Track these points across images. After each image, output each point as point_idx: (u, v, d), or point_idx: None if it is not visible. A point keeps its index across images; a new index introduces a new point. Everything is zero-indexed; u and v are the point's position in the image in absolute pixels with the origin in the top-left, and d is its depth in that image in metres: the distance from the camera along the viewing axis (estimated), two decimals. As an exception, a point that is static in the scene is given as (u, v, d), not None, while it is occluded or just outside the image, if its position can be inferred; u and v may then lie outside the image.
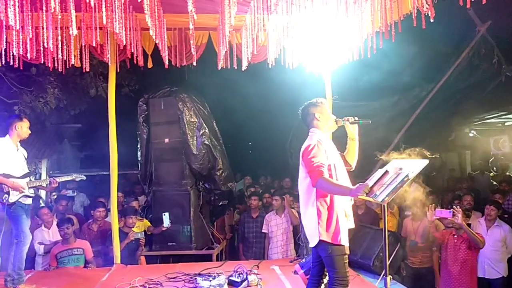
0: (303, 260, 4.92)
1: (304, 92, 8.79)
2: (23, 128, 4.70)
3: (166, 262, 6.49)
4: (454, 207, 5.10)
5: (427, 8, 3.85)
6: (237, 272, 4.88)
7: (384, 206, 3.23)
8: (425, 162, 3.12)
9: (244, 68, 5.47)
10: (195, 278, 4.92)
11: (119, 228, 5.82)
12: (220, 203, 7.53)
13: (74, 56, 4.81)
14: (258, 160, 12.90)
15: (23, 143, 4.84)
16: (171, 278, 5.06)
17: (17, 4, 3.22)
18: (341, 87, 6.43)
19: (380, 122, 8.19)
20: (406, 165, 3.17)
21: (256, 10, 4.51)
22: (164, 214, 6.45)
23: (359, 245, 5.50)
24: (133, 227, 6.12)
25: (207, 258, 6.54)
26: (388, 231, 4.35)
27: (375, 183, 3.15)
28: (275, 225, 6.38)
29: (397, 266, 5.66)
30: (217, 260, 6.57)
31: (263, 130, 11.95)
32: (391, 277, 3.62)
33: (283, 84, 8.65)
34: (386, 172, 3.20)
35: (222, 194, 7.47)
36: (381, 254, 5.13)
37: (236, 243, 7.43)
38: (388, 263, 3.48)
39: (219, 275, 4.88)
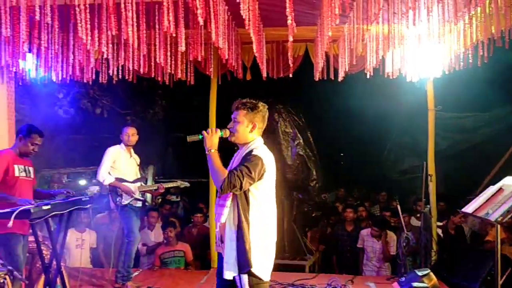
0: (402, 279, 4.70)
1: (403, 103, 8.53)
2: (123, 136, 5.09)
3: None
4: None
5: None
6: (330, 285, 4.82)
7: (497, 226, 2.98)
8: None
9: (340, 79, 5.43)
10: (289, 288, 4.94)
11: (216, 234, 6.05)
12: (314, 214, 7.50)
13: (181, 70, 5.15)
14: (350, 171, 12.63)
15: (137, 150, 5.27)
16: (265, 286, 5.13)
17: (135, 24, 3.57)
18: (445, 98, 6.10)
19: (489, 135, 7.61)
20: (524, 182, 2.90)
21: (355, 20, 4.47)
22: None
23: (463, 266, 5.13)
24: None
25: (300, 269, 6.52)
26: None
27: (486, 201, 2.92)
28: (371, 240, 6.18)
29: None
30: (309, 271, 6.53)
31: (356, 141, 11.71)
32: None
33: (380, 94, 8.42)
34: (500, 189, 2.95)
35: (315, 205, 7.43)
36: (488, 278, 4.72)
37: (329, 256, 7.32)
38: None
39: (312, 287, 4.85)
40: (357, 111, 9.80)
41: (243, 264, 2.72)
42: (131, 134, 5.09)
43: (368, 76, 5.32)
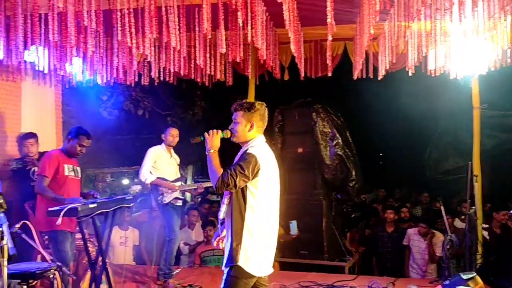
0: (446, 282, 4.56)
1: (446, 101, 8.27)
2: (167, 136, 5.19)
3: (298, 270, 6.57)
4: None
5: None
6: None
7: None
8: None
9: (380, 77, 5.33)
10: (328, 289, 4.90)
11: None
12: (353, 215, 7.40)
13: (220, 71, 5.22)
14: (391, 171, 12.39)
15: (177, 150, 5.38)
16: (304, 287, 5.12)
17: (176, 26, 3.65)
18: (491, 95, 5.88)
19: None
20: None
21: (396, 17, 4.38)
22: (291, 222, 6.54)
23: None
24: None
25: (339, 270, 6.45)
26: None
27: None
28: (418, 239, 6.04)
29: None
30: (349, 273, 6.45)
31: (397, 140, 11.48)
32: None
33: (422, 92, 8.21)
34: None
35: (354, 206, 7.33)
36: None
37: (369, 258, 7.20)
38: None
39: (353, 289, 4.80)
40: (397, 109, 9.61)
41: (232, 258, 2.83)
42: (175, 135, 5.20)
43: (409, 74, 5.21)
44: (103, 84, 5.71)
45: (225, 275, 2.89)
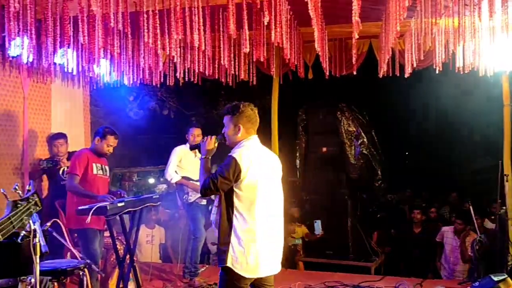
0: (476, 284, 4.45)
1: (475, 98, 8.07)
2: (189, 136, 5.25)
3: (323, 270, 6.54)
4: None
5: None
6: (398, 288, 4.68)
7: None
8: None
9: (407, 75, 5.24)
10: (354, 290, 4.87)
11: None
12: (379, 215, 7.32)
13: (244, 71, 5.24)
14: (417, 171, 12.18)
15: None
16: (329, 287, 5.09)
17: (202, 28, 3.68)
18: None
19: None
20: None
21: (424, 14, 4.30)
22: (316, 222, 6.52)
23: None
24: (292, 233, 6.35)
25: (365, 270, 6.39)
26: None
27: None
28: (452, 238, 5.93)
29: None
30: (375, 274, 6.38)
31: (424, 139, 11.28)
32: None
33: (450, 89, 8.04)
34: None
35: (380, 206, 7.25)
36: None
37: (396, 258, 7.10)
38: None
39: (379, 290, 4.74)
40: (425, 108, 9.44)
41: (221, 260, 2.83)
42: (196, 134, 5.24)
43: (437, 72, 5.10)
44: (130, 85, 5.81)
45: (219, 275, 2.93)
